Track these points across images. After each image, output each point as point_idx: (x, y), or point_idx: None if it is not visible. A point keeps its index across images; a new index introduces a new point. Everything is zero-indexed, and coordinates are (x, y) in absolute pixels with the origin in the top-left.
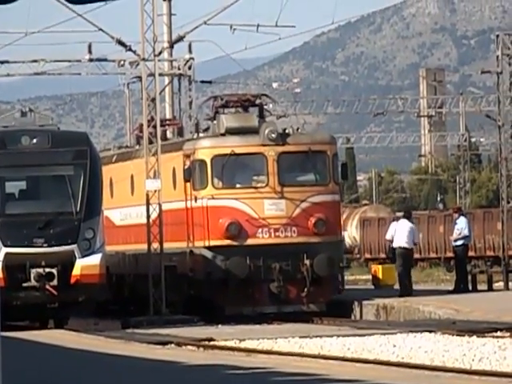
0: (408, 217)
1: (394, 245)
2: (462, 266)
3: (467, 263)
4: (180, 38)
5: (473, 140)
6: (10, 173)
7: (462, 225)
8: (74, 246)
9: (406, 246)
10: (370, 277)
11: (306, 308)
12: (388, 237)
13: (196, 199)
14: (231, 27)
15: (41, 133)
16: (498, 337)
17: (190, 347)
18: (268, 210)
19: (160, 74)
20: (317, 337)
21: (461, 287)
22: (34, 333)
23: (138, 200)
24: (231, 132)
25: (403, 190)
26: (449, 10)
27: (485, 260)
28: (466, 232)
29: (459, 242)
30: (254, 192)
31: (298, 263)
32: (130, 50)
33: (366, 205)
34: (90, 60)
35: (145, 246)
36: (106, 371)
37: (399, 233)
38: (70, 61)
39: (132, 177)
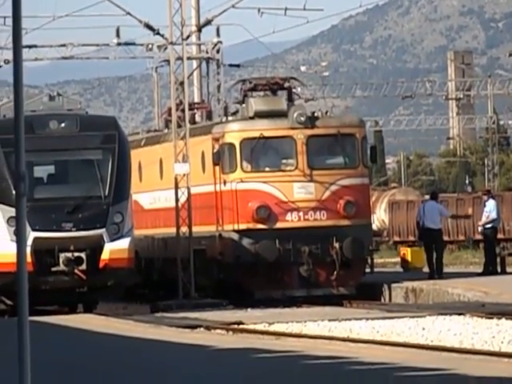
0: (434, 198)
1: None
2: (491, 249)
3: (496, 246)
4: (208, 22)
5: (501, 122)
6: (39, 157)
7: (490, 207)
8: (102, 230)
9: (433, 226)
10: (398, 259)
11: (336, 291)
12: (417, 218)
13: (225, 183)
14: (259, 10)
15: (69, 117)
16: None
17: (219, 331)
18: (297, 193)
19: (188, 58)
20: (346, 320)
21: (489, 269)
22: (62, 317)
23: (167, 184)
24: (260, 115)
25: (432, 173)
26: None
27: None
28: (493, 215)
29: (488, 225)
30: (283, 175)
31: (327, 246)
32: (158, 33)
33: (394, 188)
34: (118, 44)
35: (174, 230)
36: (135, 355)
37: (428, 214)
38: (97, 45)
39: (161, 161)
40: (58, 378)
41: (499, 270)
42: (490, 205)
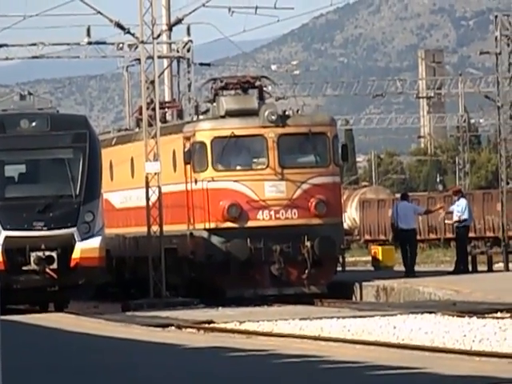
0: (405, 198)
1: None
2: (463, 247)
3: (467, 244)
4: (178, 21)
5: (472, 121)
6: (10, 156)
7: (461, 207)
8: (73, 229)
9: (408, 227)
10: (369, 258)
11: (307, 290)
12: (391, 220)
13: (196, 181)
14: (230, 9)
15: (40, 116)
16: (498, 318)
17: (190, 330)
18: (268, 192)
19: (159, 57)
20: (317, 319)
21: (461, 268)
22: (34, 316)
23: (138, 183)
24: (231, 114)
25: (402, 172)
26: None
27: (484, 241)
28: (464, 216)
29: (460, 224)
30: (254, 174)
31: (298, 245)
32: (129, 32)
33: (365, 186)
34: (89, 43)
35: (145, 229)
36: (106, 354)
37: (402, 215)
38: (68, 44)
39: (132, 159)
40: (28, 376)
41: (470, 268)
42: (462, 204)
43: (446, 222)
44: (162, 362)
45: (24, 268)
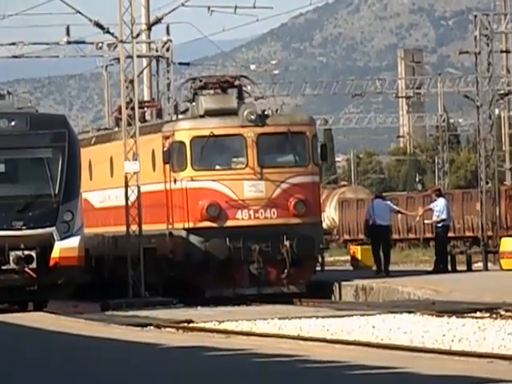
0: (381, 196)
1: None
2: (442, 247)
3: (447, 244)
4: (158, 20)
5: (451, 121)
6: None
7: (440, 207)
8: (52, 229)
9: (383, 223)
10: (348, 258)
11: (286, 289)
12: (366, 216)
13: (175, 181)
14: (209, 9)
15: (19, 116)
16: (477, 317)
17: (169, 329)
18: (247, 192)
19: (138, 56)
20: (296, 318)
21: (440, 268)
22: (12, 315)
23: (117, 182)
24: (210, 113)
25: (382, 171)
26: None
27: (464, 240)
28: (443, 216)
29: (439, 224)
30: (233, 173)
31: (277, 244)
32: (108, 32)
33: (344, 186)
34: (68, 42)
35: (124, 229)
36: (85, 353)
37: (377, 211)
38: (47, 43)
39: (111, 159)
40: (6, 374)
41: (450, 268)
42: (441, 204)
43: (426, 221)
44: (141, 361)
45: (3, 267)
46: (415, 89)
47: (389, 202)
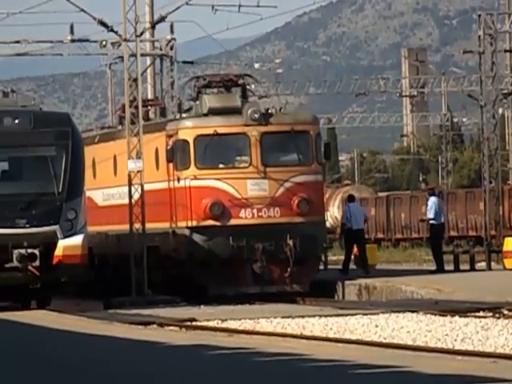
0: (353, 200)
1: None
2: (433, 246)
3: (441, 243)
4: (162, 19)
5: (455, 120)
6: None
7: (429, 205)
8: (56, 227)
9: (359, 227)
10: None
11: (289, 288)
12: (343, 220)
13: (179, 179)
14: (213, 7)
15: (23, 113)
16: (480, 317)
17: (172, 328)
18: (251, 190)
19: (142, 55)
20: (299, 317)
21: (439, 268)
22: (16, 313)
23: (121, 180)
24: (214, 112)
25: (385, 170)
26: None
27: (467, 240)
28: (430, 215)
29: (431, 222)
30: (236, 172)
31: (281, 243)
32: (112, 30)
33: (348, 185)
34: (72, 41)
35: (127, 227)
36: (88, 351)
37: (353, 216)
38: (51, 41)
39: (115, 157)
40: (10, 371)
41: (453, 267)
42: (430, 203)
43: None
44: (144, 360)
45: (6, 265)
46: (419, 88)
47: (363, 207)
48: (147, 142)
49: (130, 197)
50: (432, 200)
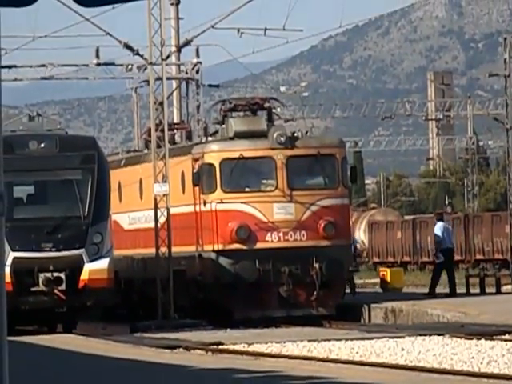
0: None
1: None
2: (434, 270)
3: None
4: (187, 42)
5: (481, 143)
6: (18, 177)
7: (435, 231)
8: (82, 251)
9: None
10: (378, 280)
11: (316, 312)
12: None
13: (205, 203)
14: (238, 31)
15: (48, 137)
16: (506, 340)
17: (198, 351)
18: (277, 214)
19: (167, 78)
20: (325, 340)
21: (451, 292)
22: (42, 337)
23: (147, 204)
24: (240, 136)
25: (411, 194)
26: (456, 14)
27: (493, 263)
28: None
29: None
30: (262, 196)
31: (307, 267)
32: (138, 54)
33: (374, 208)
34: (98, 64)
35: (153, 251)
36: (115, 375)
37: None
38: (77, 65)
39: (140, 181)
40: None
41: (479, 290)
42: (436, 227)
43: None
44: (171, 383)
45: (32, 289)
46: (445, 111)
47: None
48: (173, 165)
49: (156, 220)
50: (439, 225)
